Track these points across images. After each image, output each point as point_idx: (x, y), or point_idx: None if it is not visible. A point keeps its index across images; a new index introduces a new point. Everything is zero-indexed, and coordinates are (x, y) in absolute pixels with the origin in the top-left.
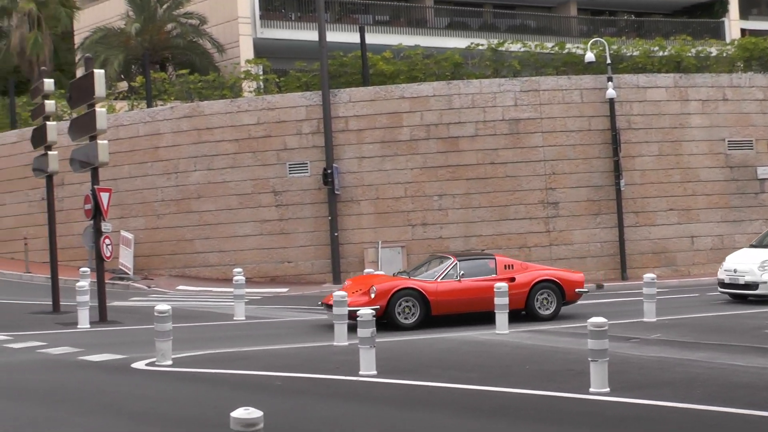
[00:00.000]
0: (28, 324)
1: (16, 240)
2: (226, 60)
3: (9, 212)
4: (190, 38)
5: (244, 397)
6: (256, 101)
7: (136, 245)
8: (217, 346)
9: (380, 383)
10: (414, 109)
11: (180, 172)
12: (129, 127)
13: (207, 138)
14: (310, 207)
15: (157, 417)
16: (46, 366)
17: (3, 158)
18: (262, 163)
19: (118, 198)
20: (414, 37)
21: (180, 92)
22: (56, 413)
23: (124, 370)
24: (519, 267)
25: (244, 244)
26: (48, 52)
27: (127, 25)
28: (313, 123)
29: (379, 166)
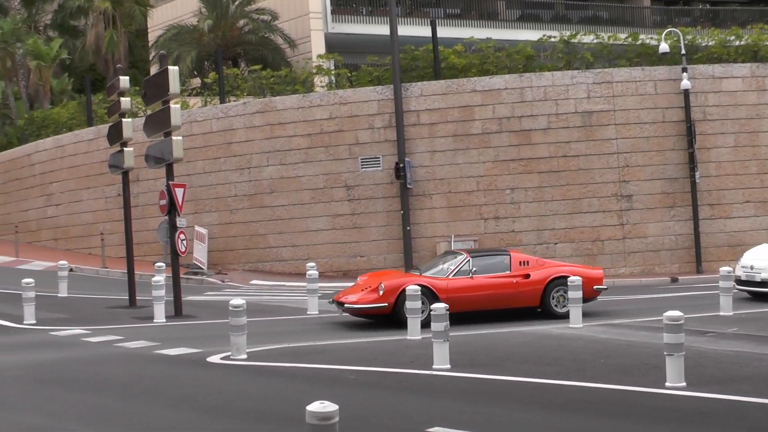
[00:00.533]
0: (105, 318)
1: (93, 235)
2: (298, 55)
3: (86, 208)
4: (262, 34)
5: (318, 391)
6: (328, 96)
7: (210, 240)
8: (291, 340)
9: (454, 377)
10: (486, 102)
11: (253, 168)
12: (202, 123)
13: (279, 133)
14: (383, 201)
15: (233, 411)
16: (123, 359)
17: (80, 155)
18: (334, 158)
19: (192, 193)
20: (485, 30)
21: (253, 88)
22: (134, 406)
23: (199, 364)
24: (535, 263)
25: (317, 239)
26: (123, 49)
27: (199, 21)
28: (385, 117)
29: (451, 160)
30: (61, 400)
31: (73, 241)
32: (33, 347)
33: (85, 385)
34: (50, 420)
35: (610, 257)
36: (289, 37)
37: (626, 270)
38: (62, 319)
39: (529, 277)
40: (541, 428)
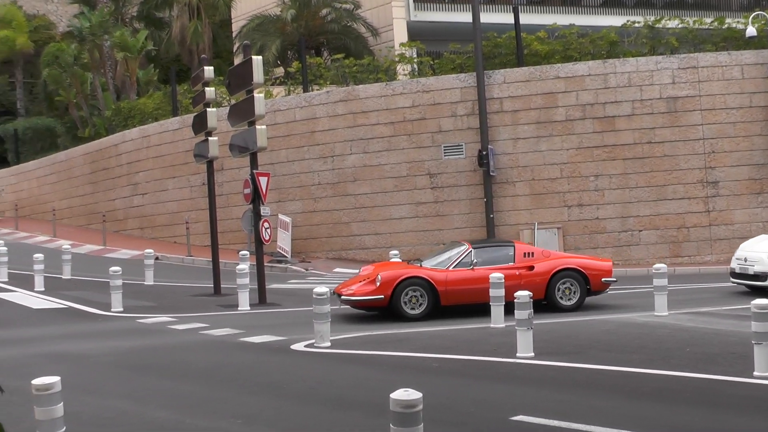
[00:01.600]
0: (190, 306)
1: (178, 224)
2: (380, 44)
3: (171, 197)
4: (344, 23)
5: (401, 379)
6: (411, 84)
7: (294, 228)
8: (374, 327)
9: (538, 365)
10: (569, 89)
11: (336, 156)
12: (286, 112)
13: (362, 121)
14: (466, 189)
15: (317, 398)
16: (208, 347)
17: (165, 145)
18: (417, 146)
19: (275, 182)
20: (568, 16)
21: (335, 77)
22: (218, 393)
23: (283, 351)
24: (540, 255)
25: (400, 227)
26: (207, 40)
27: (282, 11)
28: (467, 105)
29: (535, 147)
30: (148, 386)
31: (158, 230)
32: (121, 334)
33: (171, 371)
34: (137, 406)
35: (695, 244)
36: (372, 25)
37: (712, 257)
38: (148, 307)
39: (533, 269)
40: (626, 417)
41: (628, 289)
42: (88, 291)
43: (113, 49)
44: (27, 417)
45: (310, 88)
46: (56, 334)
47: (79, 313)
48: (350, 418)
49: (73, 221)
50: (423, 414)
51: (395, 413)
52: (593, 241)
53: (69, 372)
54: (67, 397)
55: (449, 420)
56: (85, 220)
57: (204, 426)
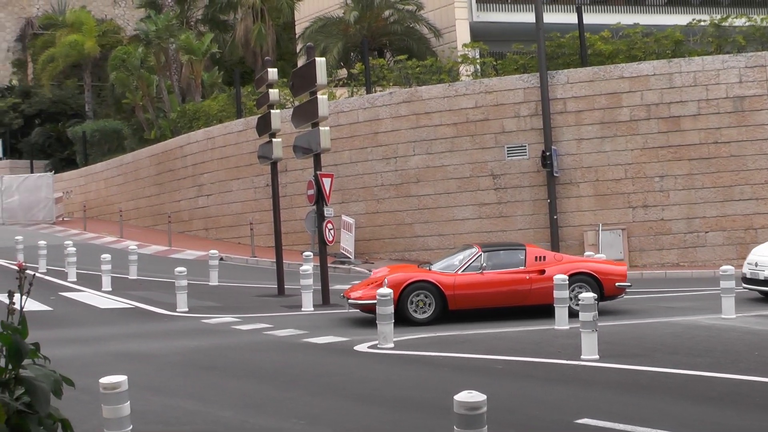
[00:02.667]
0: (254, 306)
1: (242, 225)
2: (443, 44)
3: (236, 198)
4: (406, 24)
5: (465, 380)
6: (474, 85)
7: (357, 229)
8: (437, 329)
9: (603, 368)
10: (633, 88)
11: (399, 157)
12: (349, 113)
13: (425, 122)
14: (529, 190)
15: (381, 399)
16: (272, 347)
17: (230, 146)
18: (480, 147)
19: (339, 183)
20: (632, 16)
21: (398, 78)
22: (284, 393)
23: (347, 352)
24: (552, 259)
25: (463, 228)
26: (271, 42)
27: (345, 13)
28: (531, 105)
29: (598, 148)
30: (213, 386)
31: (223, 231)
32: (186, 334)
33: (235, 371)
34: (203, 405)
35: None
36: (434, 26)
37: None
38: (213, 307)
39: (544, 273)
40: (694, 421)
41: (694, 292)
42: (154, 291)
43: (179, 52)
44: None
45: (373, 90)
46: (123, 333)
47: (145, 313)
48: (413, 419)
49: (140, 222)
50: (487, 416)
51: (459, 415)
52: (658, 242)
53: (135, 371)
54: (133, 396)
55: (513, 422)
56: (151, 221)
57: (268, 426)
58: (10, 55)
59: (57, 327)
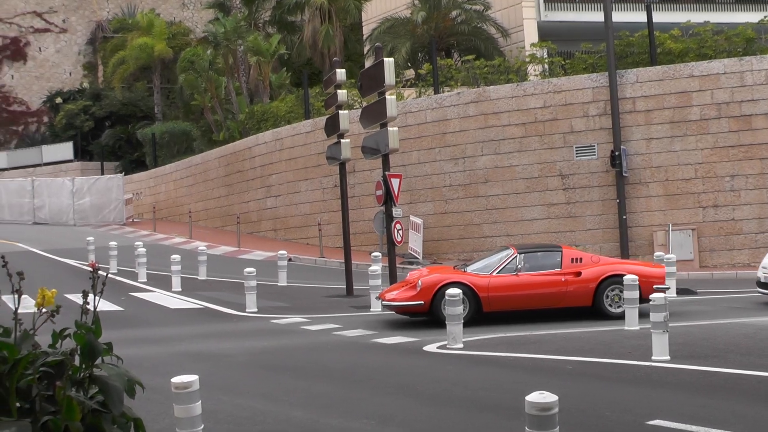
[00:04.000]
0: (323, 307)
1: (310, 226)
2: (511, 44)
3: (304, 199)
4: (474, 24)
5: (535, 381)
6: (542, 84)
7: (425, 230)
8: (506, 329)
9: (674, 369)
10: (704, 87)
11: (467, 157)
12: (417, 113)
13: (493, 123)
14: (598, 190)
15: (451, 399)
16: (341, 347)
17: (298, 147)
18: (548, 147)
19: (407, 184)
20: (703, 14)
21: (466, 78)
22: (352, 393)
23: (416, 352)
24: (588, 261)
25: (532, 228)
26: (338, 43)
27: (413, 14)
28: (599, 105)
29: (668, 147)
30: (283, 386)
31: (291, 232)
32: (255, 334)
33: (305, 371)
34: (272, 405)
35: None
36: (502, 26)
37: None
38: (282, 308)
39: (581, 275)
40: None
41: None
42: (223, 291)
43: (247, 54)
44: (166, 414)
45: (441, 90)
46: (193, 333)
47: (215, 314)
48: (484, 420)
49: (209, 223)
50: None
51: (531, 416)
52: (729, 242)
53: (205, 371)
54: (203, 396)
55: (584, 423)
56: (219, 221)
57: (338, 426)
58: (81, 58)
59: (128, 327)
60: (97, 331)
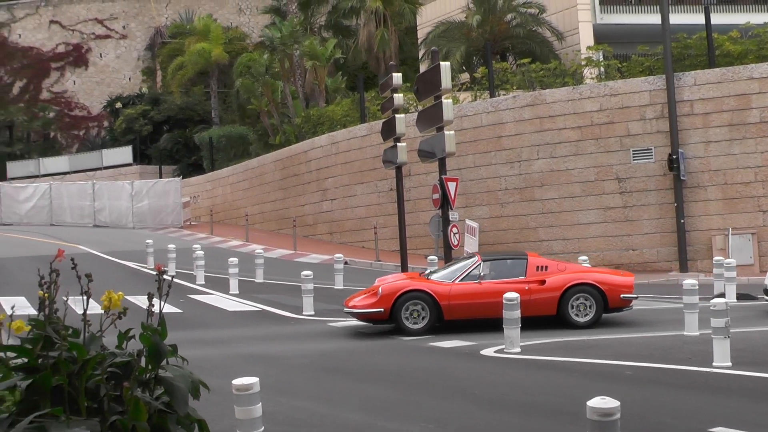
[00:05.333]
0: None
1: (366, 229)
2: (566, 47)
3: (360, 203)
4: (529, 27)
5: (594, 386)
6: (598, 88)
7: (481, 234)
8: (564, 333)
9: (736, 375)
10: (764, 89)
11: (523, 161)
12: (472, 117)
13: (549, 126)
14: (655, 194)
15: (509, 403)
16: (398, 350)
17: (354, 151)
18: (605, 150)
19: (462, 187)
20: (762, 15)
21: (521, 81)
22: (410, 396)
23: (473, 356)
24: (554, 268)
25: (588, 232)
26: (393, 47)
27: (468, 17)
28: (656, 108)
29: (727, 150)
30: (340, 388)
31: (347, 235)
32: (313, 337)
33: (362, 374)
34: (330, 407)
35: None
36: (557, 29)
37: None
38: (339, 311)
39: (545, 283)
40: None
41: None
42: (280, 294)
43: (303, 58)
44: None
45: (497, 94)
46: (250, 335)
47: (272, 316)
48: (543, 424)
49: (265, 226)
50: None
51: (592, 421)
52: None
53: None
54: (262, 398)
55: (645, 430)
56: (276, 225)
57: (395, 429)
58: (140, 63)
59: (186, 329)
60: (163, 333)
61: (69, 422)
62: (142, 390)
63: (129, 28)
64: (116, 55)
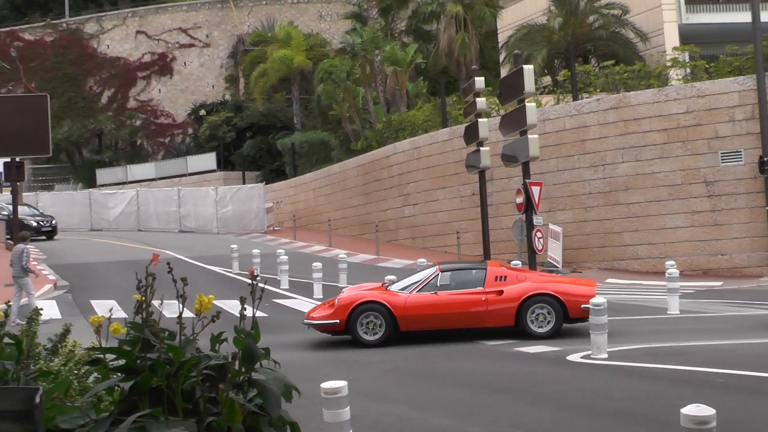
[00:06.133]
0: None
1: (448, 234)
2: (650, 48)
3: (442, 207)
4: (612, 29)
5: (685, 393)
6: (685, 89)
7: (564, 238)
8: (652, 340)
9: None
10: None
11: (607, 165)
12: (555, 121)
13: (634, 129)
14: (745, 197)
15: (597, 410)
16: (483, 355)
17: (435, 156)
18: (692, 153)
19: (545, 191)
20: None
21: (605, 84)
22: (496, 401)
23: (559, 361)
24: (513, 278)
25: (674, 236)
26: (474, 51)
27: (549, 20)
28: (746, 109)
29: None
30: (426, 393)
31: (429, 240)
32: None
33: (447, 378)
34: (417, 412)
35: None
36: (641, 30)
37: None
38: None
39: (502, 294)
40: None
41: None
42: None
43: (384, 64)
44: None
45: (580, 96)
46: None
47: None
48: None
49: (347, 231)
50: None
51: (687, 429)
52: None
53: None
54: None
55: None
56: (358, 230)
57: None
58: (223, 71)
59: (272, 333)
60: (256, 336)
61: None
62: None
63: (212, 37)
64: (200, 63)
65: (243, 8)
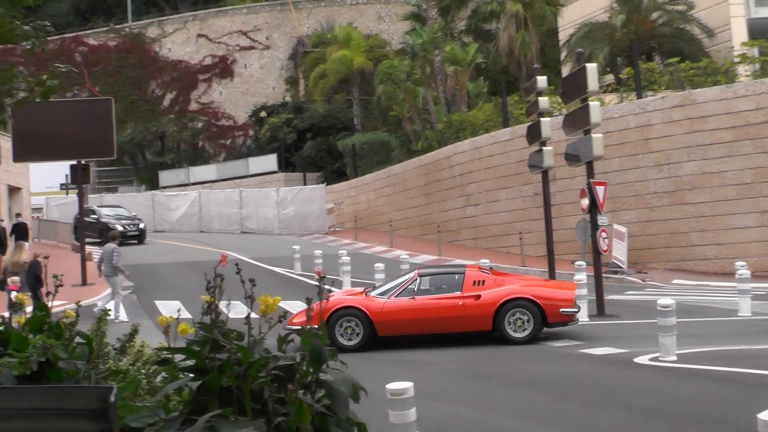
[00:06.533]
0: None
1: (510, 234)
2: (717, 44)
3: (503, 207)
4: (676, 25)
5: (758, 398)
6: (754, 86)
7: (629, 238)
8: (722, 342)
9: None
10: None
11: (672, 164)
12: (618, 119)
13: (700, 127)
14: None
15: (666, 413)
16: (548, 357)
17: (497, 156)
18: (761, 151)
19: (609, 191)
20: None
21: (669, 81)
22: (563, 404)
23: (626, 364)
24: (491, 282)
25: (744, 237)
26: (535, 50)
27: (611, 17)
28: None
29: None
30: (490, 394)
31: (491, 240)
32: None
33: (512, 380)
34: (482, 414)
35: None
36: (707, 26)
37: None
38: None
39: (480, 299)
40: None
41: None
42: None
43: (444, 64)
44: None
45: (643, 95)
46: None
47: None
48: None
49: (408, 232)
50: None
51: None
52: None
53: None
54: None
55: None
56: (419, 230)
57: None
58: (283, 73)
59: None
60: (324, 336)
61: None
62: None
63: (272, 39)
64: (260, 65)
65: (302, 10)
